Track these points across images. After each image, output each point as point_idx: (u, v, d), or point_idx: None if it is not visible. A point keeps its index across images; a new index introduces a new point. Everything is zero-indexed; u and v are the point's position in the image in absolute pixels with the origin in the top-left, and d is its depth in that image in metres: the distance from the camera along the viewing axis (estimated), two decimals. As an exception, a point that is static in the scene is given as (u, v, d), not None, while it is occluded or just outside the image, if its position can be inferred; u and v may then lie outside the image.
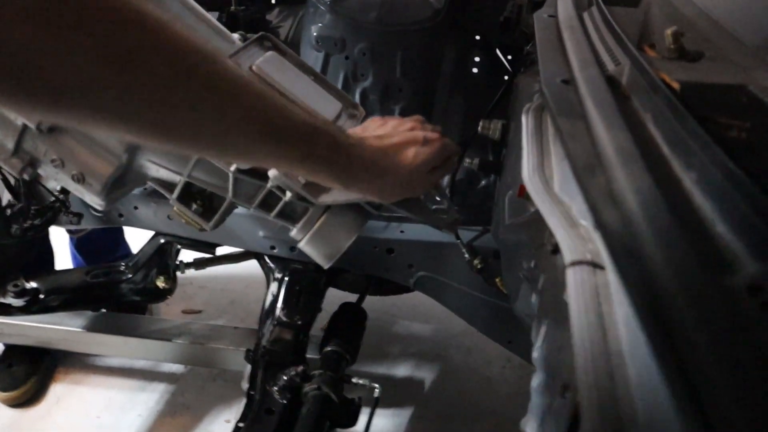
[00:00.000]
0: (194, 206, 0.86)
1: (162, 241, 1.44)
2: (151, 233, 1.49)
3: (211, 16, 0.87)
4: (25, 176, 0.80)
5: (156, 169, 0.84)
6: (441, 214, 0.90)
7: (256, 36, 0.85)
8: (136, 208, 1.42)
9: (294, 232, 0.87)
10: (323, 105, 0.84)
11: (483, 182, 1.37)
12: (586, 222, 0.55)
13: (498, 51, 1.45)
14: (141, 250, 1.49)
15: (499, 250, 1.22)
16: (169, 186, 0.85)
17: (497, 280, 1.23)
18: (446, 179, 1.30)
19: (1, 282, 1.52)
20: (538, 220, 0.85)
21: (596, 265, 0.44)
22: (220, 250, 1.48)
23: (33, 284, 1.53)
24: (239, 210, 0.99)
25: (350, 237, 0.86)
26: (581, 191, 0.42)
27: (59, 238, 1.83)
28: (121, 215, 1.47)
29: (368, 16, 1.27)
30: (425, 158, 0.78)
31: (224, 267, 1.57)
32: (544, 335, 0.69)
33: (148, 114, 0.49)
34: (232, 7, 1.38)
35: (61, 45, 0.40)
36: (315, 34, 1.30)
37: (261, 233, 1.28)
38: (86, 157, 0.79)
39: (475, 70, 1.43)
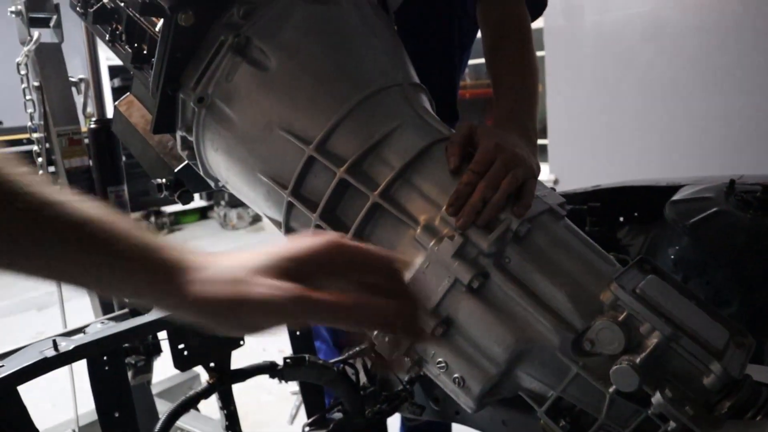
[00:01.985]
0: (562, 422, 0.85)
1: (494, 445, 1.45)
2: None
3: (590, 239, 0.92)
4: (412, 374, 0.88)
5: (530, 380, 0.86)
6: None
7: (636, 259, 0.87)
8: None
9: None
10: (709, 332, 0.80)
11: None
12: None
13: None
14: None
15: None
16: (540, 398, 0.86)
17: None
18: None
19: (345, 457, 1.67)
20: None
21: None
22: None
23: (369, 464, 1.65)
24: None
25: None
26: None
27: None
28: (457, 412, 1.53)
29: (733, 240, 1.21)
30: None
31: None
32: None
33: None
34: (586, 227, 1.46)
35: None
36: (672, 256, 1.28)
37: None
38: (470, 363, 0.84)
39: None
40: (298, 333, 1.74)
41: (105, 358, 1.15)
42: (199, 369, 1.44)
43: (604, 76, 4.78)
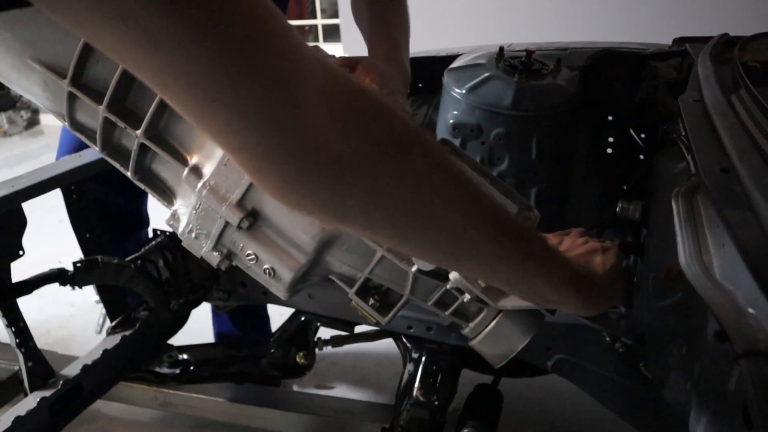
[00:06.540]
0: (371, 300, 0.89)
1: (303, 318, 1.51)
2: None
3: None
4: (222, 267, 0.86)
5: (340, 265, 0.87)
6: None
7: (438, 140, 0.90)
8: (279, 286, 1.51)
9: (467, 331, 0.88)
10: None
11: (623, 263, 1.34)
12: (754, 311, 0.53)
13: (631, 131, 1.45)
14: (282, 327, 1.57)
15: (642, 333, 1.18)
16: (350, 280, 0.89)
17: (641, 365, 1.18)
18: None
19: (158, 353, 1.65)
20: (690, 304, 0.83)
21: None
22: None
23: (184, 356, 1.65)
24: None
25: (524, 339, 0.86)
26: (757, 283, 0.42)
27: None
28: (265, 293, 1.56)
29: (502, 103, 1.31)
30: (613, 263, 0.78)
31: (356, 345, 1.61)
32: (708, 429, 0.66)
33: (401, 202, 0.53)
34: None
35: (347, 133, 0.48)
36: (451, 121, 1.36)
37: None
38: (279, 253, 0.83)
39: (609, 150, 1.43)
40: (87, 235, 1.63)
41: None
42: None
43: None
